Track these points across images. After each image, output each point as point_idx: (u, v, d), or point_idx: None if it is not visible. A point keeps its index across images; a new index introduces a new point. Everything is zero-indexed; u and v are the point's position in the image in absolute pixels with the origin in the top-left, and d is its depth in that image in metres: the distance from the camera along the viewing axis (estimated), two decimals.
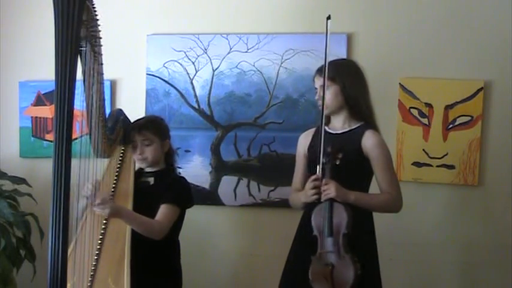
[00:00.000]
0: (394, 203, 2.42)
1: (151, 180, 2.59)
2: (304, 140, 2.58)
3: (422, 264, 3.10)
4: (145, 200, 2.48)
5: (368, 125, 2.43)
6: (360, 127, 2.43)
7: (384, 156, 2.40)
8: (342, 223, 2.24)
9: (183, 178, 2.67)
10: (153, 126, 2.60)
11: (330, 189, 2.26)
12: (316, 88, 2.47)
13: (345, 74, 2.42)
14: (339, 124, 2.46)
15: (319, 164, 2.32)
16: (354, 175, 2.39)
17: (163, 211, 2.45)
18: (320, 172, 2.32)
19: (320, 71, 2.44)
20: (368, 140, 2.39)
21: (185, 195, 2.58)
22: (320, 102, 2.41)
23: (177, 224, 2.56)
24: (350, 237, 2.25)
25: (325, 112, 2.40)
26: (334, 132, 2.46)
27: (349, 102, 2.41)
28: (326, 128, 2.44)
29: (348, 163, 2.32)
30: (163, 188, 2.53)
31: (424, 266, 3.10)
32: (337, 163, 2.31)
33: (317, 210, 2.30)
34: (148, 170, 2.61)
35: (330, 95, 2.40)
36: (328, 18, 2.34)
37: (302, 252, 2.37)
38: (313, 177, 2.34)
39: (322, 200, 2.28)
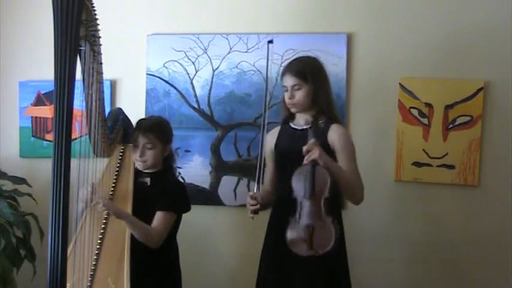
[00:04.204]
0: (358, 190, 2.44)
1: (148, 180, 2.57)
2: (270, 138, 2.61)
3: (422, 264, 3.10)
4: (141, 200, 2.47)
5: (332, 120, 2.47)
6: (326, 122, 2.43)
7: (349, 147, 2.45)
8: (325, 186, 2.25)
9: (180, 182, 2.63)
10: (159, 130, 2.57)
11: (314, 151, 2.27)
12: (285, 87, 2.49)
13: (315, 74, 2.46)
14: (303, 121, 2.48)
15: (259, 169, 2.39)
16: None
17: (159, 218, 2.45)
18: (257, 189, 2.40)
19: (290, 70, 2.47)
20: (334, 133, 2.44)
21: (181, 201, 2.58)
22: (289, 101, 2.46)
23: (175, 225, 2.56)
24: (330, 202, 2.26)
25: (294, 110, 2.50)
26: (299, 128, 2.51)
27: (319, 101, 2.45)
28: (291, 124, 2.54)
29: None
30: (159, 190, 2.52)
31: (424, 266, 3.09)
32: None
33: (297, 173, 2.30)
34: (146, 170, 2.60)
35: (302, 95, 2.45)
36: (270, 42, 2.47)
37: (279, 244, 2.36)
38: (250, 193, 2.41)
39: (305, 162, 2.28)
